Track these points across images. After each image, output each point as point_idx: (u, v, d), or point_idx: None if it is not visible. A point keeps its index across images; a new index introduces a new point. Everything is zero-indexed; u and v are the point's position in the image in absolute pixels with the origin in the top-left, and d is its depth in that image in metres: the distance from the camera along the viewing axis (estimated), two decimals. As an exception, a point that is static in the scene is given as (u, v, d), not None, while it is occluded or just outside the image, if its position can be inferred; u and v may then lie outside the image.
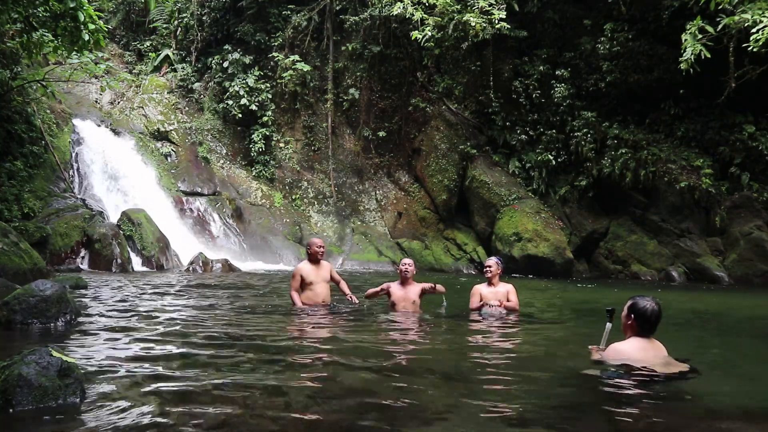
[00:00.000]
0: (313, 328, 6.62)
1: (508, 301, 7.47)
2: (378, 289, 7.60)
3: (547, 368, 4.61)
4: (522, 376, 4.33)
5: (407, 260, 7.63)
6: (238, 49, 21.55)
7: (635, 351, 4.14)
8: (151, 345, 5.13)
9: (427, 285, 7.41)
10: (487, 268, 7.60)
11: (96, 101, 21.48)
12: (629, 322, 4.22)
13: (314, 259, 7.68)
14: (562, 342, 5.95)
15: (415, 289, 7.45)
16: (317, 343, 5.63)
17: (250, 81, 20.99)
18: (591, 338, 4.76)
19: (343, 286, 7.95)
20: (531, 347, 5.63)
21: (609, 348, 4.26)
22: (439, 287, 7.42)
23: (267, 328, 6.33)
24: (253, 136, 21.12)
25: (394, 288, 7.54)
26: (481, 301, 7.50)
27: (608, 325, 4.46)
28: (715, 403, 3.74)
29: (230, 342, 5.36)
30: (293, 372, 4.31)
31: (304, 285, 7.66)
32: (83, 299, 8.11)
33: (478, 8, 17.34)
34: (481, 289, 7.60)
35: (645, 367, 4.05)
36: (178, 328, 6.11)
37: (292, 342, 5.68)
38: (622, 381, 3.96)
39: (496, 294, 7.47)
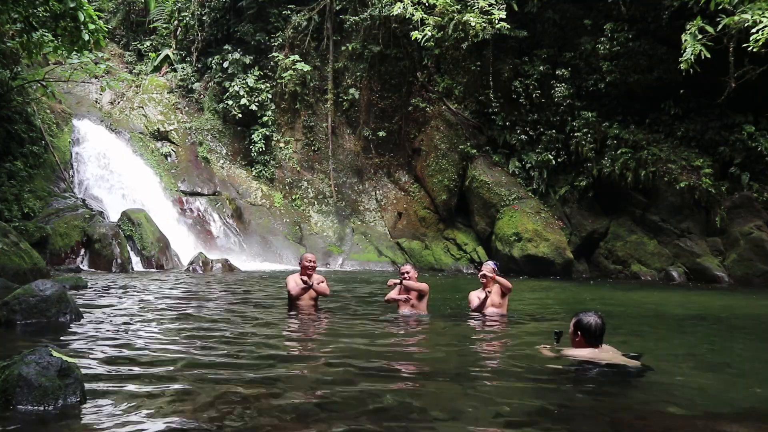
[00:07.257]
0: (313, 329, 6.63)
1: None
2: (394, 297, 7.60)
3: (546, 368, 4.61)
4: (521, 377, 4.34)
5: (408, 266, 7.66)
6: (238, 49, 21.55)
7: (592, 353, 4.47)
8: (151, 345, 5.13)
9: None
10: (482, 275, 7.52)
11: (96, 101, 21.48)
12: (577, 339, 4.53)
13: (303, 273, 7.49)
14: (561, 343, 5.94)
15: (414, 292, 7.48)
16: (318, 345, 5.64)
17: (250, 81, 20.99)
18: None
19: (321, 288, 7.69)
20: (531, 348, 5.62)
21: (569, 350, 4.63)
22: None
23: (267, 329, 6.33)
24: (253, 136, 21.13)
25: (396, 293, 7.60)
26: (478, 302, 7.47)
27: (554, 345, 4.96)
28: (713, 403, 3.74)
29: (229, 342, 5.36)
30: (294, 373, 4.31)
31: (291, 296, 7.62)
32: (83, 299, 8.11)
33: (478, 8, 17.33)
34: (477, 293, 7.52)
35: (606, 363, 4.36)
36: (177, 328, 6.11)
37: (293, 343, 5.68)
38: (608, 378, 4.21)
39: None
